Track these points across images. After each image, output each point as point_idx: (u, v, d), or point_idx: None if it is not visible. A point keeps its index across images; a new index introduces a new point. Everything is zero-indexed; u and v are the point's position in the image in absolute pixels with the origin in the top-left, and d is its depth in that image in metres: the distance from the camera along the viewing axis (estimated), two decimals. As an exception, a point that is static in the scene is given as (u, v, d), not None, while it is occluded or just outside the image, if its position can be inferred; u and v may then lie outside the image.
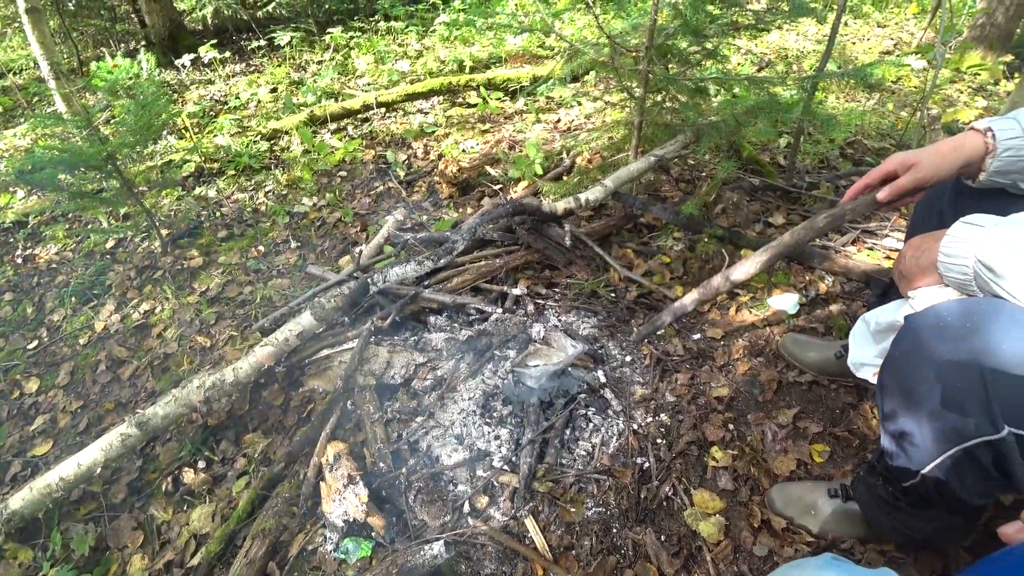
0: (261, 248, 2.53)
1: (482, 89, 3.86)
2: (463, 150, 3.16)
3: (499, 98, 3.87)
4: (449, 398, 1.55)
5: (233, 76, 5.00)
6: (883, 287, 1.36)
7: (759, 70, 4.00)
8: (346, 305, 1.79)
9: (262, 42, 5.37)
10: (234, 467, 1.55)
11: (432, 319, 1.84)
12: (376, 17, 6.01)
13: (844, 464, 1.32)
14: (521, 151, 2.99)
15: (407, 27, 5.60)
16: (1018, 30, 4.28)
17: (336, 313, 1.76)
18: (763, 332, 1.70)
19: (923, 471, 0.84)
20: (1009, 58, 4.09)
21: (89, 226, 2.92)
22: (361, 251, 2.16)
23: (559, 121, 3.43)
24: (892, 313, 0.96)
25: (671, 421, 1.45)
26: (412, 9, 6.02)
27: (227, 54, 5.35)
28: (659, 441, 1.40)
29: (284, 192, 2.99)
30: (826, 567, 0.83)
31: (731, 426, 1.43)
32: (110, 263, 2.60)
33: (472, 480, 1.37)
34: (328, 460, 1.39)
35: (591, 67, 2.32)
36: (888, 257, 1.97)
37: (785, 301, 1.77)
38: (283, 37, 5.20)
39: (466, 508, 1.31)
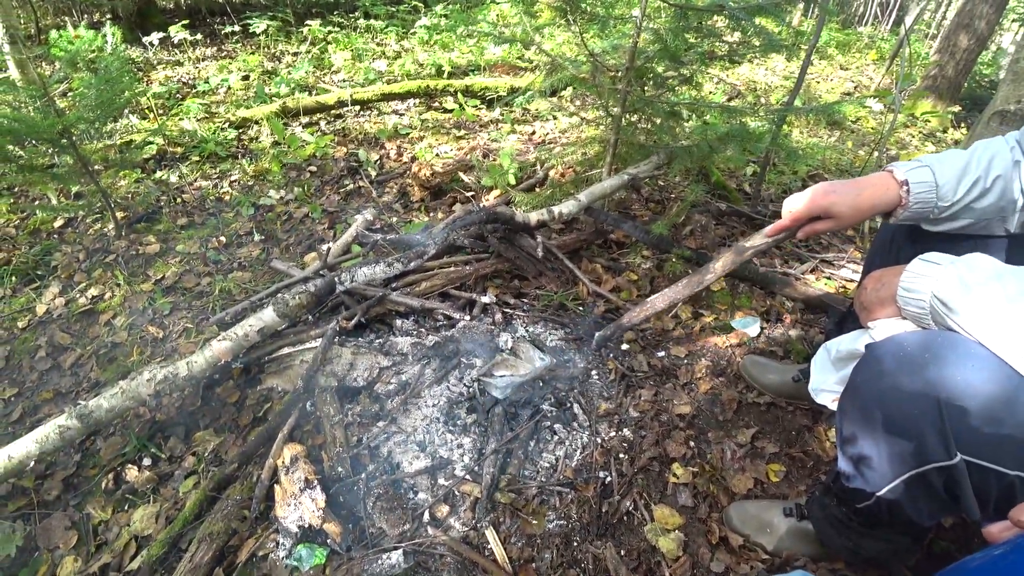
0: (223, 239, 2.44)
1: (459, 95, 3.86)
2: (437, 154, 3.14)
3: (476, 106, 3.87)
4: (412, 404, 1.53)
5: (203, 60, 4.83)
6: (840, 315, 1.42)
7: (729, 100, 4.15)
8: (311, 303, 1.74)
9: (236, 28, 5.22)
10: (182, 466, 1.47)
11: (398, 322, 1.81)
12: (356, 14, 5.94)
13: (798, 484, 1.36)
14: (495, 160, 3.00)
15: (387, 27, 5.55)
16: (966, 83, 4.58)
17: (300, 311, 1.72)
18: (725, 353, 1.74)
19: (878, 493, 0.87)
20: (957, 108, 4.38)
21: (36, 203, 2.75)
22: (329, 249, 2.11)
23: (534, 133, 3.46)
24: (852, 342, 0.99)
25: (634, 436, 1.46)
26: (393, 9, 5.98)
27: (198, 36, 5.18)
28: (622, 456, 1.41)
29: (250, 183, 2.90)
30: None
31: (692, 443, 1.45)
32: (57, 243, 2.46)
33: (433, 488, 1.34)
34: (284, 462, 1.34)
35: (570, 83, 2.35)
36: (844, 286, 2.06)
37: (747, 324, 1.82)
38: (259, 25, 5.08)
39: (426, 517, 1.28)
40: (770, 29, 2.01)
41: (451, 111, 3.77)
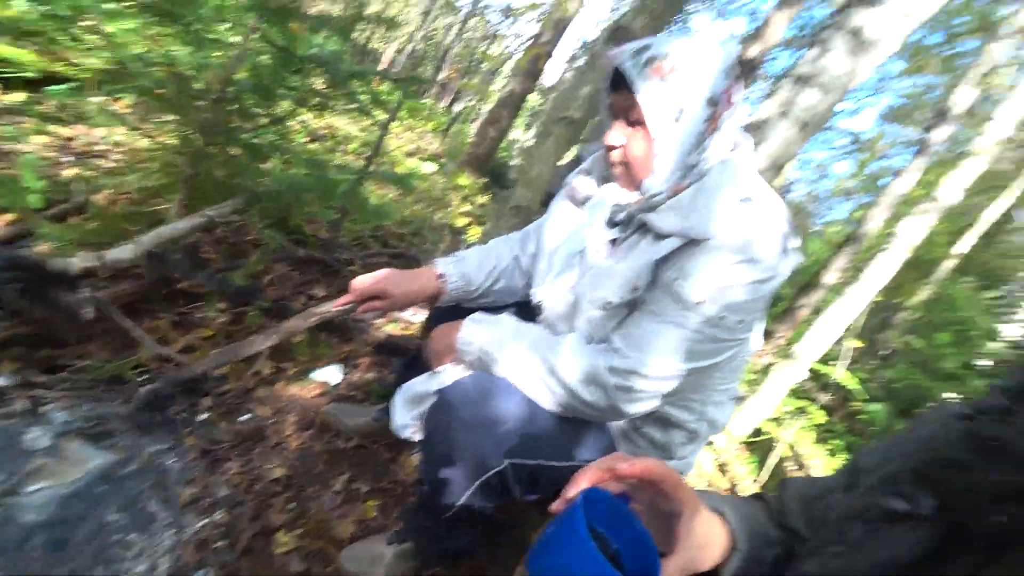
0: None
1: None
2: None
3: (-22, 84, 2.72)
4: None
5: None
6: (409, 356, 1.68)
7: (312, 141, 4.31)
8: None
9: None
10: None
11: None
12: None
13: (394, 512, 1.54)
14: (9, 169, 2.20)
15: None
16: (491, 162, 6.30)
17: None
18: (311, 404, 1.79)
19: (458, 502, 1.09)
20: (485, 180, 5.93)
21: None
22: None
23: (75, 139, 2.70)
24: (423, 384, 1.20)
25: (230, 517, 1.35)
26: None
27: None
28: (220, 544, 1.29)
29: None
30: None
31: (293, 505, 1.45)
32: None
33: None
34: None
35: (142, 93, 1.97)
36: (406, 328, 2.42)
37: (328, 373, 1.94)
38: None
39: None
40: (357, 90, 2.23)
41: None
